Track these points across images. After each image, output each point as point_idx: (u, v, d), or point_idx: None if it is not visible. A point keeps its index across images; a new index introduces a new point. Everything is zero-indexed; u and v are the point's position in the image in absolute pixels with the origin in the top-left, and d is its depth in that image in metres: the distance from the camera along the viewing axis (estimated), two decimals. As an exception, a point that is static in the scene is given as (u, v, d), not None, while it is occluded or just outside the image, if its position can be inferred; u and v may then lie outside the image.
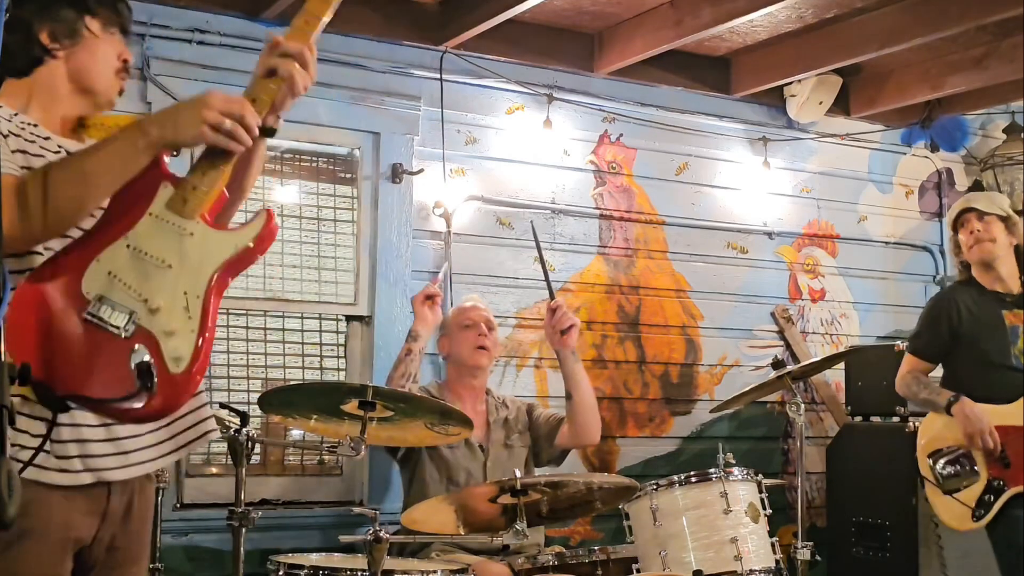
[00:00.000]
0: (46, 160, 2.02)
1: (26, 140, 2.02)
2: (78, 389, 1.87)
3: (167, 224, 1.94)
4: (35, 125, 2.07)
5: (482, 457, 3.86)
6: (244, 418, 3.29)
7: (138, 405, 1.88)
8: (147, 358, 1.88)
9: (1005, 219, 3.93)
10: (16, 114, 2.07)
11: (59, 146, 2.08)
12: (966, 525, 3.87)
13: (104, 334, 1.88)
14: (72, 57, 2.13)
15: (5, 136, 1.99)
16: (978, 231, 3.90)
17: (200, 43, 4.27)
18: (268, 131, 2.04)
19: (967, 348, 3.94)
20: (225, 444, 3.41)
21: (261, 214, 1.99)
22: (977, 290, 3.98)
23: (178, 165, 2.03)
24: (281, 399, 3.42)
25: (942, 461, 3.90)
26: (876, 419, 4.87)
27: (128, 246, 1.93)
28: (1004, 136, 5.84)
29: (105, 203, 1.98)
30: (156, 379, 1.87)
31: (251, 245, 1.96)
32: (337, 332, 4.61)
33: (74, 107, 2.16)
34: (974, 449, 3.82)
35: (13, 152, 1.99)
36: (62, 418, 1.92)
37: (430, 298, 3.94)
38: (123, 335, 1.88)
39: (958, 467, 3.87)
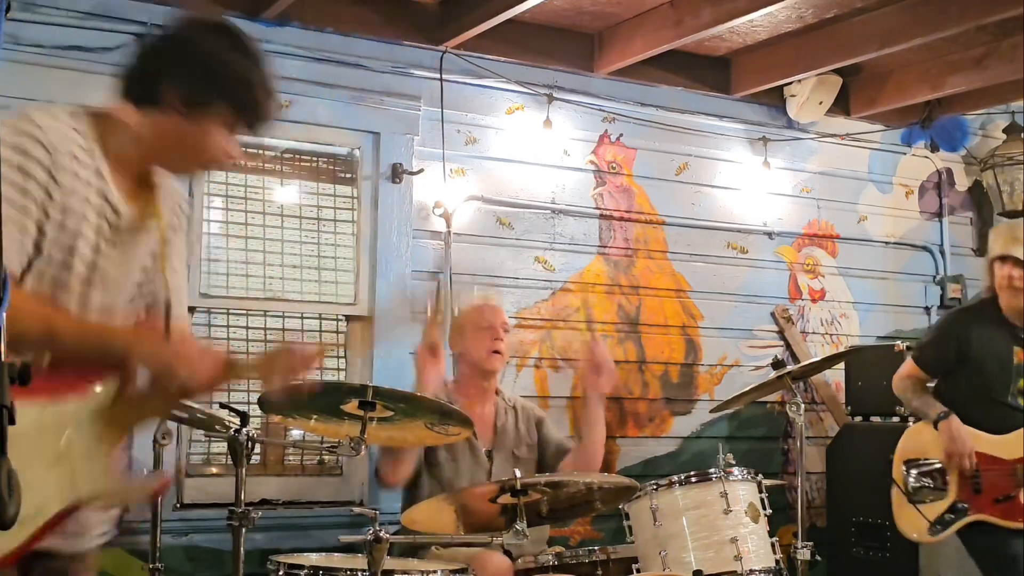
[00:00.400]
0: (85, 219, 1.98)
1: (71, 190, 1.96)
2: None
3: (82, 430, 1.89)
4: (98, 171, 2.01)
5: (487, 464, 3.82)
6: (244, 418, 3.28)
7: None
8: None
9: None
10: (90, 148, 2.01)
11: (107, 200, 2.02)
12: (922, 537, 3.94)
13: None
14: (181, 125, 2.05)
15: (56, 179, 1.92)
16: (1014, 278, 3.87)
17: (200, 43, 4.26)
18: None
19: (970, 374, 3.95)
20: (225, 444, 3.41)
21: (153, 483, 2.02)
22: (996, 316, 3.97)
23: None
24: (281, 399, 3.41)
25: (915, 471, 3.94)
26: (876, 419, 4.87)
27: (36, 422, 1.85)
28: (1004, 136, 5.83)
29: None
30: None
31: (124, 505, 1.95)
32: (337, 332, 4.61)
33: (149, 164, 2.11)
34: (951, 467, 3.85)
35: (51, 202, 1.92)
36: None
37: (432, 350, 3.75)
38: None
39: (929, 481, 3.90)
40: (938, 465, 3.89)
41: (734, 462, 3.40)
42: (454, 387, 3.96)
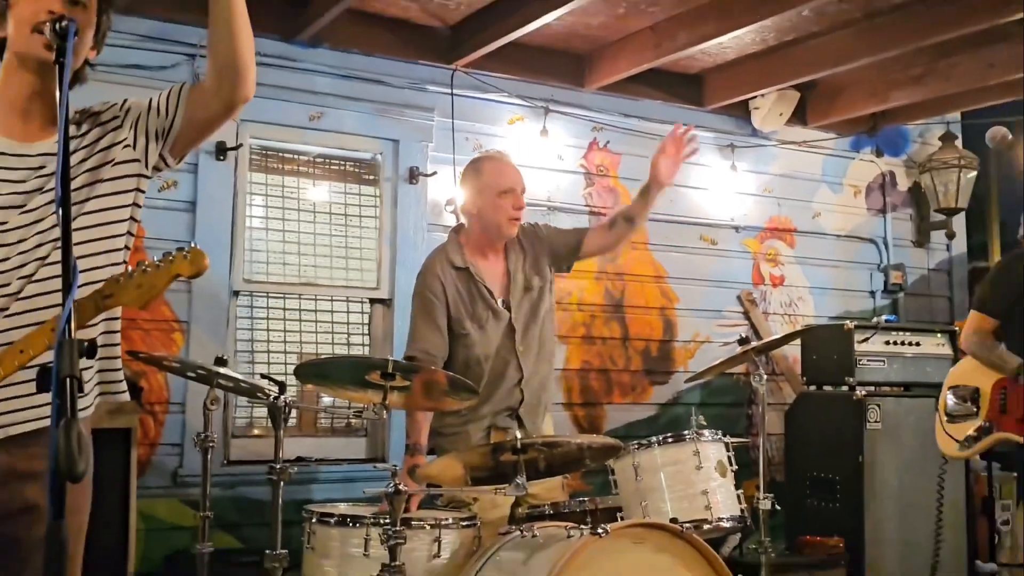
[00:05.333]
0: None
1: None
2: None
3: None
4: None
5: (507, 315, 3.43)
6: (282, 387, 3.28)
7: None
8: None
9: None
10: None
11: None
12: (953, 453, 3.84)
13: None
14: (5, 30, 1.93)
15: None
16: None
17: (243, 62, 4.25)
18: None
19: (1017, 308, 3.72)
20: (266, 409, 3.41)
21: None
22: None
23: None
24: (314, 370, 3.41)
25: (953, 396, 3.82)
26: (828, 388, 4.86)
27: None
28: (940, 143, 5.83)
29: None
30: None
31: None
32: (362, 312, 4.61)
33: (23, 82, 1.94)
34: None
35: None
36: None
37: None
38: None
39: (964, 404, 3.76)
40: (974, 391, 3.76)
41: (705, 424, 3.38)
42: (466, 242, 3.48)
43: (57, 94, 1.72)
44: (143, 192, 2.01)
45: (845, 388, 4.68)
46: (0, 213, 1.90)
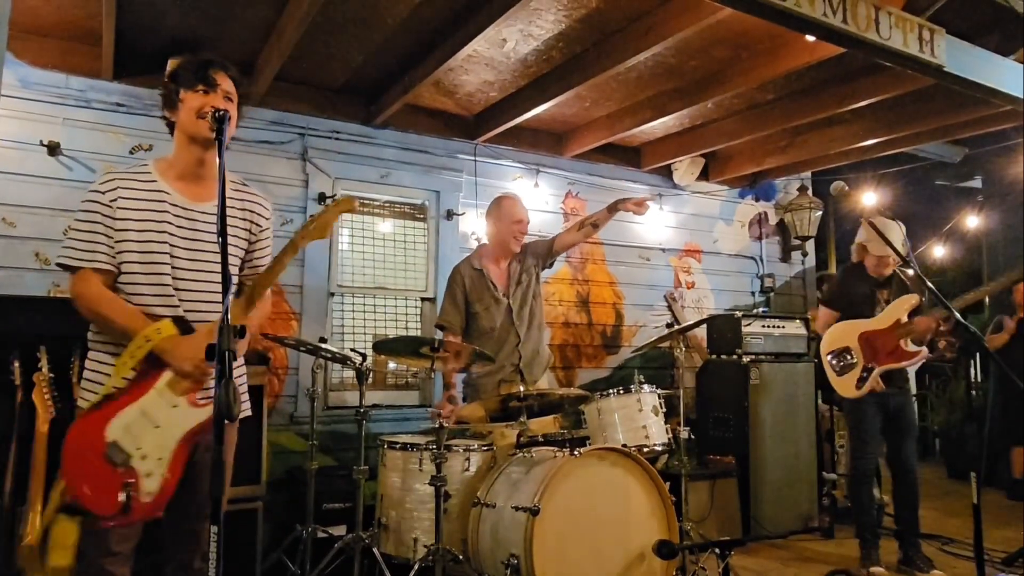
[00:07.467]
0: (142, 218, 1.84)
1: (130, 209, 1.84)
2: (85, 500, 1.68)
3: (164, 398, 1.75)
4: (154, 180, 1.89)
5: (506, 302, 3.41)
6: (363, 357, 3.27)
7: (118, 520, 1.72)
8: (131, 490, 1.70)
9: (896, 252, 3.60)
10: (149, 173, 1.89)
11: (161, 189, 1.89)
12: (852, 393, 3.60)
13: (111, 466, 1.71)
14: (176, 117, 1.92)
15: (110, 204, 1.80)
16: (883, 258, 3.58)
17: (337, 139, 4.24)
18: None
19: (852, 305, 3.68)
20: (352, 371, 3.38)
21: (209, 409, 1.73)
22: (863, 273, 3.69)
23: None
24: (385, 346, 3.38)
25: (834, 357, 3.66)
26: (724, 356, 4.84)
27: (139, 410, 1.75)
28: (797, 192, 5.82)
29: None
30: (132, 505, 1.71)
31: (203, 423, 1.73)
32: (416, 307, 4.59)
33: (191, 155, 1.90)
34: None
35: (117, 209, 1.81)
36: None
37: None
38: (120, 470, 1.71)
39: (843, 359, 3.64)
40: (844, 347, 3.62)
41: (644, 380, 3.38)
42: (485, 254, 3.47)
43: (216, 161, 1.74)
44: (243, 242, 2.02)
45: (735, 356, 4.66)
46: (181, 251, 1.88)
